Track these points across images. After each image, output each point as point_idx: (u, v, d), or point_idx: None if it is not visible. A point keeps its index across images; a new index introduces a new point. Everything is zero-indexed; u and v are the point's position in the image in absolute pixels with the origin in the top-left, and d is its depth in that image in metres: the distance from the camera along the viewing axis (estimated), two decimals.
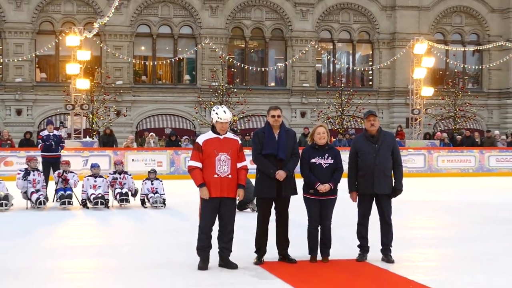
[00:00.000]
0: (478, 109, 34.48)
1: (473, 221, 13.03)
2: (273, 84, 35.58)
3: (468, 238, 10.58)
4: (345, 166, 8.09)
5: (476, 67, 36.07)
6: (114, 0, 24.97)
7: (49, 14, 31.84)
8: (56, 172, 15.21)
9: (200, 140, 7.75)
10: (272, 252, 8.09)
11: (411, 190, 14.06)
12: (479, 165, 25.92)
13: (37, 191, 14.47)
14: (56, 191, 14.67)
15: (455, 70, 35.28)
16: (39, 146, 17.05)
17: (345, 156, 8.14)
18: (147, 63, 33.42)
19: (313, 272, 7.58)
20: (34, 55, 31.00)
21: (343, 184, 8.03)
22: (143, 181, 15.23)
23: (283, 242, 8.02)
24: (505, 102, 35.95)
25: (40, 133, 18.37)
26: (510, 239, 10.59)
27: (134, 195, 15.06)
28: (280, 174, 7.57)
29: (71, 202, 14.38)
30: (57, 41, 30.06)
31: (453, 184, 22.29)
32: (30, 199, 14.48)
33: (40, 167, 15.76)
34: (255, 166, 8.03)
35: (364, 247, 8.15)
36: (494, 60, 34.41)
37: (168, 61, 33.02)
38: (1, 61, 30.78)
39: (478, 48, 35.24)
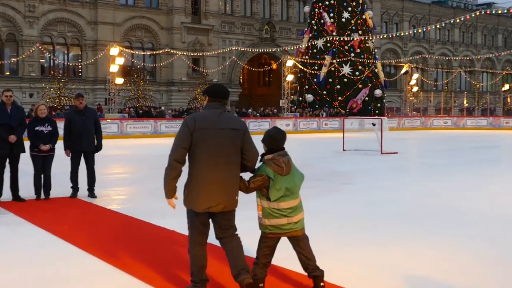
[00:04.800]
0: (153, 92, 43.18)
1: (151, 166, 14.09)
2: (8, 73, 39.51)
3: (150, 178, 11.26)
4: (61, 132, 8.54)
5: (152, 65, 43.74)
6: None
7: None
8: None
9: None
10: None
11: (108, 148, 14.17)
12: (154, 130, 29.91)
13: None
14: None
15: (138, 67, 41.33)
16: None
17: (61, 124, 8.52)
18: None
19: (39, 207, 8.14)
20: None
21: (60, 144, 8.57)
22: None
23: (15, 185, 8.39)
24: (171, 88, 44.85)
25: None
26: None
27: None
28: (12, 138, 8.11)
29: None
30: None
31: (137, 143, 24.46)
32: None
33: None
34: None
35: (75, 188, 8.85)
36: (163, 61, 41.79)
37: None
38: None
39: (153, 53, 40.58)
